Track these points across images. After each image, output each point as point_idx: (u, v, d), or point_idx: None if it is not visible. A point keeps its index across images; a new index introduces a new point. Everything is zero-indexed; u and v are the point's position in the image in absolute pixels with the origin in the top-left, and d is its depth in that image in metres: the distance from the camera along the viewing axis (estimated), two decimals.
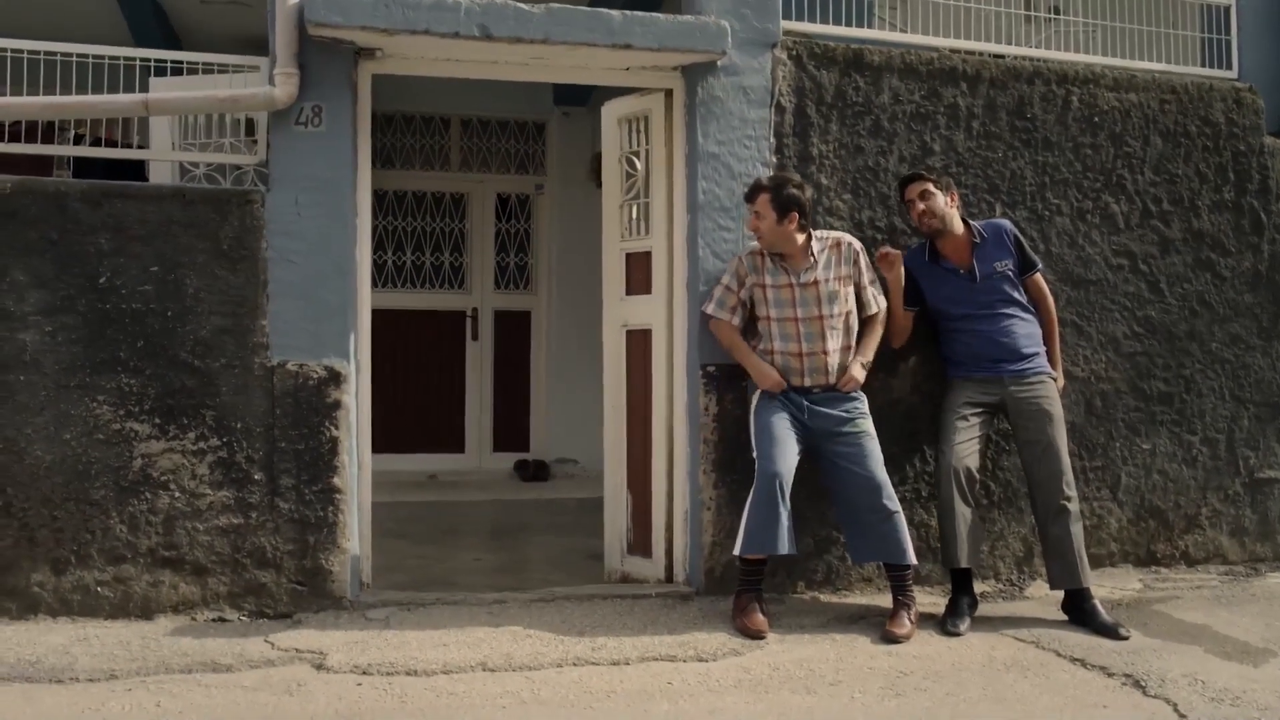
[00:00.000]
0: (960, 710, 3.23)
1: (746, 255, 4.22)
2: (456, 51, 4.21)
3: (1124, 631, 3.96)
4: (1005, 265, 4.26)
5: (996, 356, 4.23)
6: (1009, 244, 4.29)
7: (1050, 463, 4.18)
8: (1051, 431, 4.19)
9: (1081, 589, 4.13)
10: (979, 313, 4.25)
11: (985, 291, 4.25)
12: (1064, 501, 4.14)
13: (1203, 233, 5.04)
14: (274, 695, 3.27)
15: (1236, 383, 5.07)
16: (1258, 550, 5.07)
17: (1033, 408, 4.20)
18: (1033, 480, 4.26)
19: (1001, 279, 4.26)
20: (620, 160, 4.72)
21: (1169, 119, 5.00)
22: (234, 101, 3.99)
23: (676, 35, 4.25)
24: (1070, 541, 4.13)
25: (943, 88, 4.70)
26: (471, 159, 8.06)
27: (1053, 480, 4.17)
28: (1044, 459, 4.18)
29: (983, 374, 4.24)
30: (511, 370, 8.04)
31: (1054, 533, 4.16)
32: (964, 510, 4.11)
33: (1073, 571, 4.12)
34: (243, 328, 4.03)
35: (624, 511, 4.65)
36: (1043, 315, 4.40)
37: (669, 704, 3.26)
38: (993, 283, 4.25)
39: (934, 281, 4.31)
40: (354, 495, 4.14)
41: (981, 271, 4.25)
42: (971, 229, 4.28)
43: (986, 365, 4.24)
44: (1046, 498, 4.19)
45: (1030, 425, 4.20)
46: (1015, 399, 4.21)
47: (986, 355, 4.23)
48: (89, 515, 3.91)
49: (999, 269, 4.26)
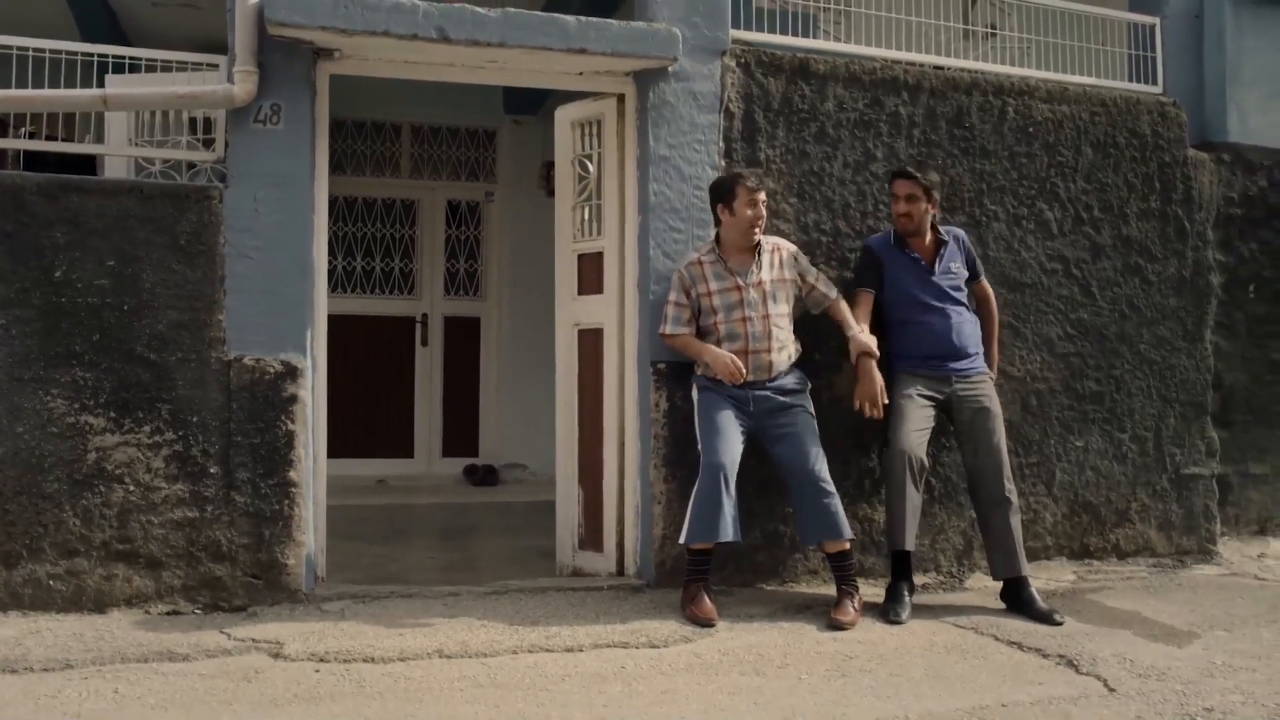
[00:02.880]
0: (903, 688, 3.35)
1: (685, 267, 4.32)
2: (414, 53, 4.30)
3: (1058, 617, 4.13)
4: (959, 267, 4.48)
5: (945, 353, 4.38)
6: (963, 251, 4.53)
7: (992, 458, 4.34)
8: (993, 427, 4.36)
9: (1020, 578, 4.30)
10: (934, 304, 4.39)
11: (941, 285, 4.42)
12: (1005, 494, 4.31)
13: (1131, 239, 5.27)
14: (232, 682, 3.30)
15: (1163, 382, 5.30)
16: (1183, 543, 5.28)
17: (976, 405, 4.37)
18: (974, 474, 4.42)
19: (956, 279, 4.47)
20: (573, 163, 4.82)
21: (1099, 130, 5.23)
22: (194, 98, 4.04)
23: (629, 41, 4.38)
24: (1010, 533, 4.30)
25: (885, 97, 4.87)
26: (422, 166, 8.11)
27: (994, 474, 4.33)
28: (986, 454, 4.34)
29: (929, 370, 4.39)
30: (461, 376, 8.09)
31: (995, 525, 4.33)
32: (913, 494, 4.25)
33: (1012, 561, 4.30)
34: (199, 322, 4.06)
35: (575, 507, 4.74)
36: (986, 317, 4.61)
37: (623, 685, 3.34)
38: (949, 279, 4.45)
39: (896, 266, 4.44)
40: (309, 489, 4.18)
41: (941, 268, 4.44)
42: (939, 232, 4.48)
43: (934, 362, 4.39)
44: (988, 491, 4.35)
45: (973, 421, 4.37)
46: (959, 396, 4.38)
47: (936, 351, 4.38)
48: (41, 509, 3.91)
49: (954, 269, 4.47)
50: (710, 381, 4.24)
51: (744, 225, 4.23)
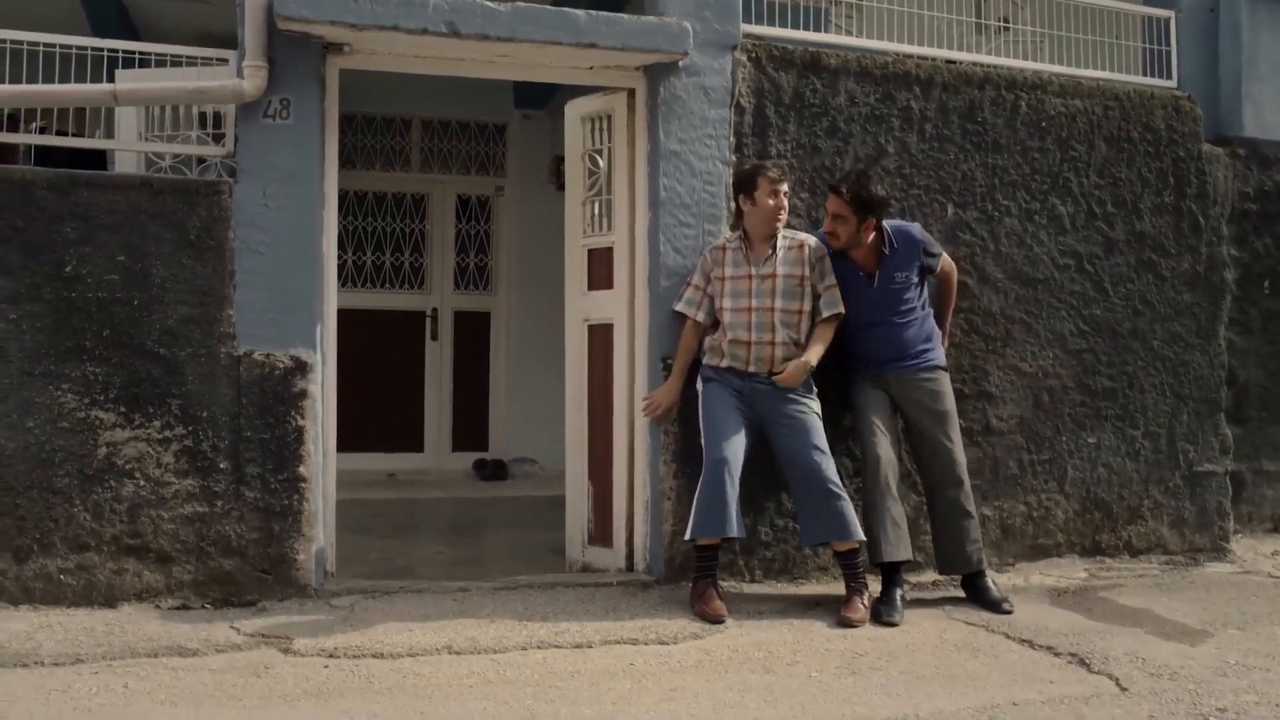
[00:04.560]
0: (914, 686, 3.34)
1: (710, 250, 4.34)
2: (424, 48, 4.28)
3: (1007, 606, 4.20)
4: (907, 275, 4.30)
5: (884, 358, 4.35)
6: (915, 254, 4.31)
7: (941, 453, 4.32)
8: (941, 423, 4.33)
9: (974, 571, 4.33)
10: (873, 319, 4.31)
11: (881, 300, 4.30)
12: (955, 495, 4.30)
13: (1145, 234, 5.24)
14: (242, 677, 3.31)
15: (1177, 379, 5.26)
16: (1196, 540, 5.25)
17: (921, 402, 4.34)
18: (925, 471, 4.41)
19: (901, 288, 4.30)
20: (583, 158, 4.81)
21: (1112, 125, 5.19)
22: (203, 93, 4.03)
23: (639, 35, 4.36)
24: (953, 535, 4.30)
25: (897, 91, 4.84)
26: (432, 160, 8.10)
27: (944, 473, 4.32)
28: (935, 450, 4.33)
29: (873, 371, 4.37)
30: (471, 370, 8.08)
31: (940, 523, 4.34)
32: (893, 505, 4.24)
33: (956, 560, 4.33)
34: (209, 317, 4.06)
35: (585, 502, 4.73)
36: (942, 294, 4.55)
37: (631, 683, 3.34)
38: (891, 292, 4.29)
39: (837, 274, 4.31)
40: (319, 484, 4.17)
41: (881, 280, 4.28)
42: (885, 238, 4.27)
43: (875, 365, 4.37)
44: (937, 490, 4.35)
45: (921, 418, 4.35)
46: (904, 395, 4.35)
47: (875, 357, 4.36)
48: (52, 503, 3.92)
49: (899, 279, 4.29)
50: (715, 372, 4.23)
51: (766, 214, 4.21)
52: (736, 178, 4.39)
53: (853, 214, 4.16)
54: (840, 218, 4.19)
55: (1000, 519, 4.88)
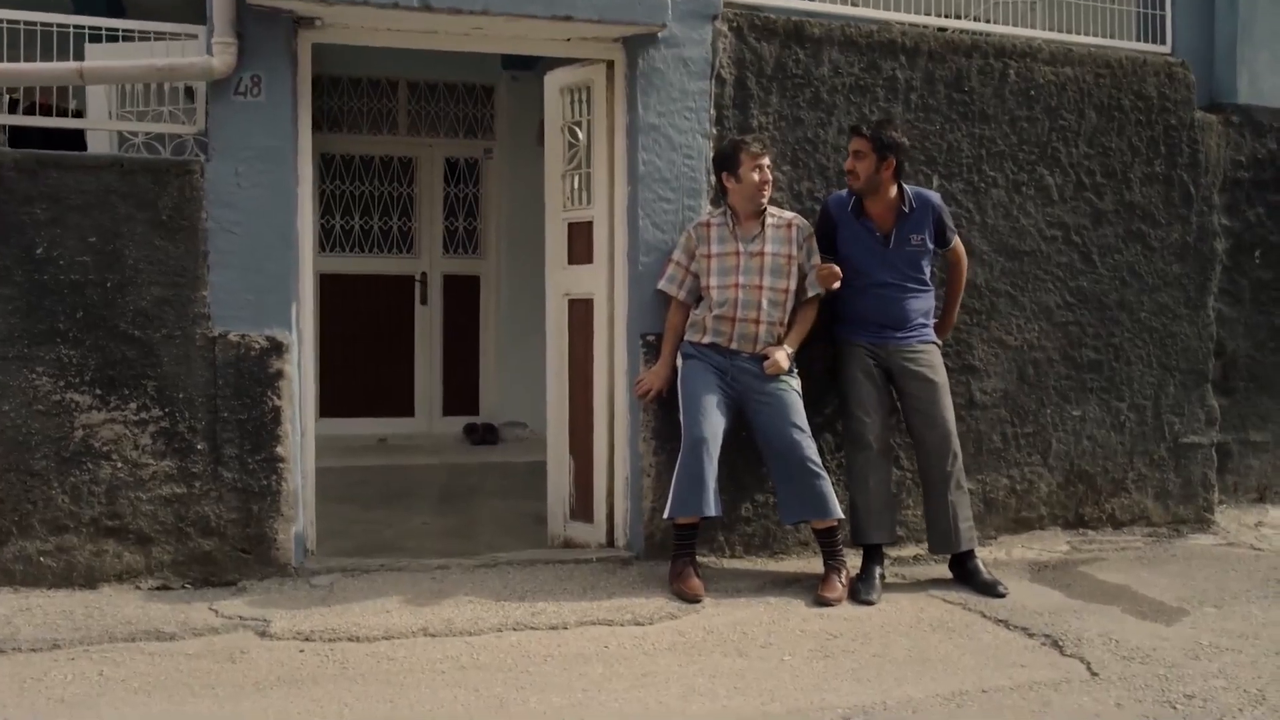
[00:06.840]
0: (885, 671, 3.35)
1: (694, 227, 4.29)
2: (396, 21, 4.21)
3: (1001, 589, 4.15)
4: (922, 239, 4.30)
5: (884, 323, 4.30)
6: (930, 219, 4.31)
7: (935, 432, 4.28)
8: (936, 399, 4.29)
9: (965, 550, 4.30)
10: (883, 279, 4.28)
11: (895, 260, 4.28)
12: (947, 471, 4.27)
13: (1134, 205, 5.17)
14: (217, 663, 3.33)
15: (1164, 350, 5.23)
16: (1180, 512, 5.25)
17: (917, 375, 4.30)
18: (919, 447, 4.38)
19: (914, 253, 4.30)
20: (562, 130, 4.74)
21: (1103, 93, 5.10)
22: (171, 71, 3.96)
23: (617, 7, 4.27)
24: (947, 512, 4.27)
25: (882, 60, 4.76)
26: (420, 123, 8.01)
27: (938, 450, 4.28)
28: (930, 426, 4.29)
29: (869, 337, 4.32)
30: (460, 334, 8.06)
31: (934, 501, 4.31)
32: (876, 484, 4.23)
33: (948, 540, 4.29)
34: (183, 298, 4.03)
35: (566, 477, 4.73)
36: (952, 281, 4.52)
37: (604, 667, 3.35)
38: (904, 253, 4.29)
39: (851, 234, 4.31)
40: (297, 463, 4.17)
41: (897, 240, 4.27)
42: (904, 197, 4.28)
43: (873, 330, 4.31)
44: (931, 467, 4.31)
45: (916, 393, 4.31)
46: (901, 366, 4.30)
47: (875, 320, 4.30)
48: (30, 486, 3.92)
49: (914, 241, 4.29)
50: (696, 349, 4.21)
51: (750, 190, 4.17)
52: (717, 155, 4.33)
53: (873, 150, 4.18)
54: (860, 154, 4.20)
55: (983, 492, 4.87)
